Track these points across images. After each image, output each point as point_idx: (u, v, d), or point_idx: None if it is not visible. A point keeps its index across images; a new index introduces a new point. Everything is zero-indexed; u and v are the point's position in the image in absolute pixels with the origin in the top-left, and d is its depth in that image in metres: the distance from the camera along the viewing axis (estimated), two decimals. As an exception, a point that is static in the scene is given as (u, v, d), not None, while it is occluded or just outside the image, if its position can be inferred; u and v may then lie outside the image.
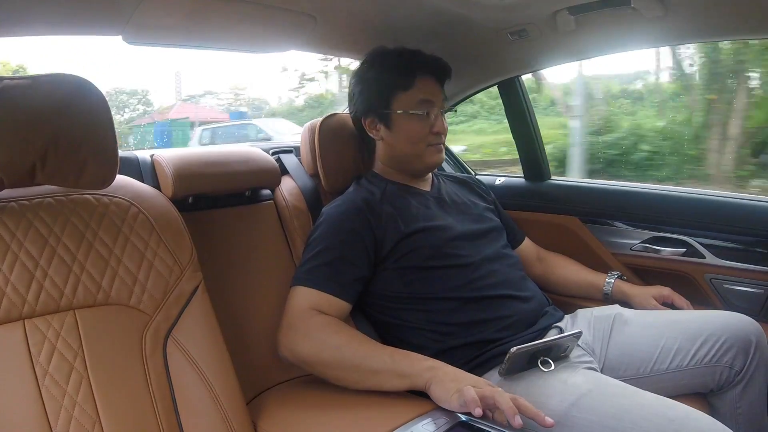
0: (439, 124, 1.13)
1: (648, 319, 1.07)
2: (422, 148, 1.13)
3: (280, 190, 1.24)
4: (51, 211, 0.77)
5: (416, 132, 1.13)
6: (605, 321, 1.08)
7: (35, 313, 0.72)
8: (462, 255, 1.05)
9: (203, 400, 0.79)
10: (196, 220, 1.03)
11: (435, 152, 1.15)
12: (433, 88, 1.14)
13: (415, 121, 1.12)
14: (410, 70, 1.13)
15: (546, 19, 1.16)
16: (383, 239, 1.03)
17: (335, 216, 1.06)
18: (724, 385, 0.98)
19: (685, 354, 0.98)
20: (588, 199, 1.48)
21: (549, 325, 1.04)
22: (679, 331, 1.01)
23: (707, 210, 1.29)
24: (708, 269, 1.27)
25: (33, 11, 0.87)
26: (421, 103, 1.12)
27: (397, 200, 1.10)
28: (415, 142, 1.13)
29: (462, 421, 0.75)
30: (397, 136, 1.15)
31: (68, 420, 0.69)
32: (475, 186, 1.31)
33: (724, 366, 0.96)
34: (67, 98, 0.73)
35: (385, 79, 1.13)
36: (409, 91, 1.12)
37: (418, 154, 1.14)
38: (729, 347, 0.96)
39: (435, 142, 1.14)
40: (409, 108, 1.12)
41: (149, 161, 1.11)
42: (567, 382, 0.86)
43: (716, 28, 1.08)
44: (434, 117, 1.13)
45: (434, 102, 1.13)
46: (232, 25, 1.09)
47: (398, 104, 1.13)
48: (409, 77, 1.12)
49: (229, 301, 1.02)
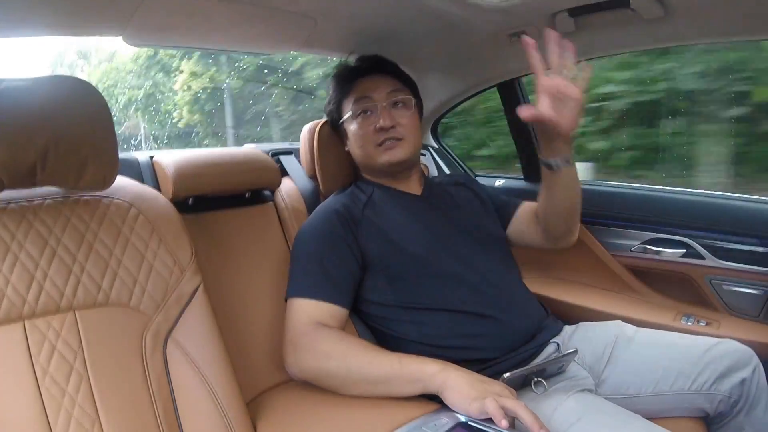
0: (383, 119, 1.07)
1: (652, 338, 1.04)
2: (371, 148, 1.10)
3: (279, 192, 1.25)
4: (51, 212, 0.77)
5: (359, 134, 1.11)
6: (608, 339, 1.04)
7: (35, 313, 0.72)
8: (447, 265, 1.01)
9: (203, 401, 0.79)
10: (196, 222, 1.03)
11: (384, 150, 1.09)
12: (371, 85, 1.11)
13: (357, 122, 1.11)
14: (349, 75, 1.14)
15: (545, 21, 1.16)
16: (366, 245, 1.01)
17: (313, 224, 1.06)
18: (724, 414, 0.96)
19: (686, 378, 0.95)
20: (588, 199, 1.47)
21: (546, 341, 1.01)
22: (680, 354, 0.98)
23: (707, 211, 1.29)
24: (708, 270, 1.27)
25: (34, 12, 0.88)
26: (357, 103, 1.11)
27: (382, 206, 1.08)
28: (362, 144, 1.11)
29: (462, 421, 0.74)
30: (350, 142, 1.16)
31: (68, 420, 0.69)
32: (470, 186, 1.26)
33: (723, 395, 0.93)
34: (67, 99, 0.73)
35: (335, 90, 1.17)
36: (349, 95, 1.13)
37: (370, 156, 1.11)
38: (726, 378, 0.94)
39: (381, 139, 1.08)
40: (350, 111, 1.12)
41: (149, 162, 1.11)
42: (557, 409, 0.84)
43: (716, 30, 1.08)
44: (378, 113, 1.08)
45: (372, 97, 1.09)
46: (232, 26, 1.10)
47: (344, 111, 1.14)
48: (349, 83, 1.13)
49: (229, 303, 1.02)
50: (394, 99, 1.10)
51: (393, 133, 1.08)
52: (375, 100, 1.09)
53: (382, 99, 1.09)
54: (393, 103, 1.10)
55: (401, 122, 1.09)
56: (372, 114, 1.10)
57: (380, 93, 1.10)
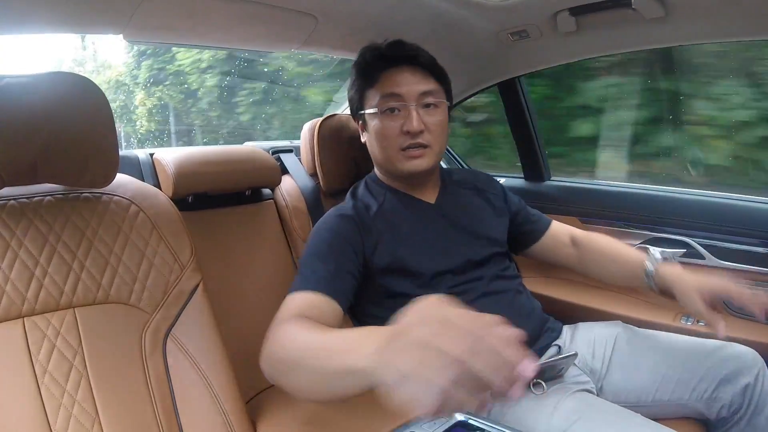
0: (411, 122, 0.95)
1: (651, 341, 1.01)
2: (394, 152, 0.98)
3: (280, 190, 1.24)
4: (51, 209, 0.77)
5: (383, 133, 0.98)
6: (606, 340, 1.02)
7: (35, 311, 0.72)
8: (450, 284, 0.96)
9: (202, 399, 0.79)
10: (197, 219, 1.03)
11: (407, 158, 0.97)
12: (401, 80, 0.97)
13: (382, 120, 0.98)
14: (376, 63, 1.00)
15: (547, 20, 1.16)
16: (372, 254, 0.95)
17: (323, 224, 0.98)
18: (726, 420, 0.93)
19: (685, 386, 0.93)
20: (588, 199, 1.48)
21: (548, 344, 1.00)
22: (680, 360, 0.95)
23: (707, 211, 1.29)
24: (708, 270, 1.27)
25: (35, 10, 0.87)
26: (385, 99, 0.97)
27: (392, 216, 1.00)
28: (384, 145, 0.99)
29: (461, 420, 0.74)
30: (370, 138, 1.03)
31: (67, 418, 0.68)
32: (486, 189, 1.14)
33: (724, 402, 0.91)
34: (68, 96, 0.73)
35: (358, 77, 1.03)
36: (375, 86, 0.99)
37: (390, 159, 0.99)
38: (728, 384, 0.91)
39: (407, 144, 0.96)
40: (374, 105, 0.99)
41: (149, 160, 1.11)
42: (557, 407, 0.83)
43: (717, 30, 1.08)
44: (407, 114, 0.96)
45: (402, 95, 0.96)
46: (233, 25, 1.09)
47: (368, 103, 1.01)
48: (374, 71, 0.99)
49: (229, 300, 1.02)
50: (426, 100, 0.98)
51: (420, 138, 0.96)
52: (405, 99, 0.96)
53: (413, 99, 0.96)
54: (425, 105, 0.98)
55: (431, 127, 0.97)
56: (399, 113, 0.97)
57: (411, 91, 0.96)
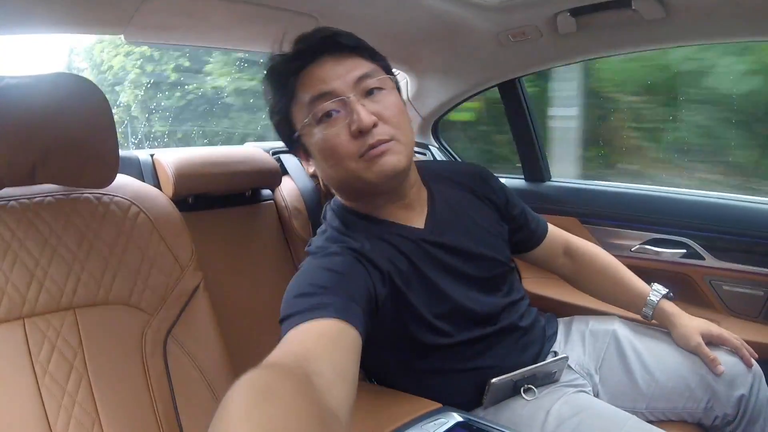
0: (358, 118, 0.72)
1: (647, 344, 0.98)
2: (351, 163, 0.75)
3: (279, 191, 1.24)
4: (52, 210, 0.77)
5: (329, 145, 0.75)
6: (602, 337, 0.99)
7: (35, 311, 0.72)
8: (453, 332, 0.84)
9: (203, 399, 0.79)
10: (197, 220, 1.03)
11: (370, 162, 0.74)
12: (326, 73, 0.75)
13: (322, 130, 0.76)
14: (287, 67, 0.78)
15: (547, 21, 1.16)
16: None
17: (319, 258, 0.76)
18: (720, 428, 0.93)
19: (679, 395, 0.92)
20: (588, 200, 1.48)
21: (547, 353, 0.97)
22: (676, 369, 0.93)
23: (707, 211, 1.29)
24: (707, 271, 1.27)
25: (36, 10, 0.87)
26: (314, 103, 0.75)
27: (381, 254, 0.79)
28: (336, 160, 0.76)
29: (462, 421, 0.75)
30: (317, 162, 0.81)
31: (68, 418, 0.68)
32: (484, 188, 0.96)
33: (718, 413, 0.90)
34: (68, 97, 0.73)
35: (274, 94, 0.81)
36: (297, 95, 0.78)
37: (351, 174, 0.76)
38: (723, 395, 0.90)
39: (365, 148, 0.74)
40: (306, 117, 0.77)
41: (150, 161, 1.11)
42: (549, 411, 0.81)
43: (717, 31, 1.08)
44: (349, 110, 0.74)
45: (335, 90, 0.74)
46: (233, 25, 1.10)
47: (297, 119, 0.79)
48: (289, 77, 0.78)
49: (229, 301, 1.02)
50: (366, 86, 0.76)
51: (377, 135, 0.74)
52: (339, 94, 0.74)
53: (349, 89, 0.75)
54: (366, 92, 0.76)
55: (385, 115, 0.75)
56: (339, 114, 0.75)
57: (344, 82, 0.75)
